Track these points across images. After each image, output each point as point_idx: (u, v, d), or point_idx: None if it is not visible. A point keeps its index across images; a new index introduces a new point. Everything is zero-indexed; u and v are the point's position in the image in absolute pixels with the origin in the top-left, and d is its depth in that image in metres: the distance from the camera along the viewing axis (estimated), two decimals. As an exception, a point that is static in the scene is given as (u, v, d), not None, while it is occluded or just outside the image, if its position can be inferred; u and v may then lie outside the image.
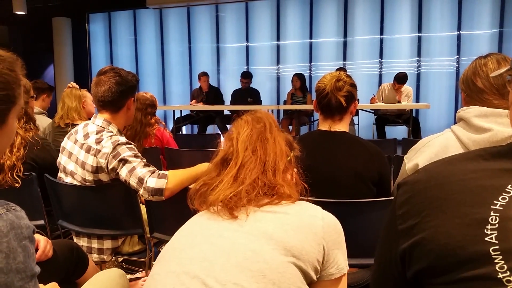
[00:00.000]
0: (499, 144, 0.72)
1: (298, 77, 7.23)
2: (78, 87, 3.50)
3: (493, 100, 1.43)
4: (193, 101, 7.53)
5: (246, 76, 7.68)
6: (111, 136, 1.95)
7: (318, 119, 1.97)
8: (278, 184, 1.07)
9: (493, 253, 0.56)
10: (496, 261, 0.56)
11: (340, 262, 1.02)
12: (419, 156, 1.57)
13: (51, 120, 3.84)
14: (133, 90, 2.08)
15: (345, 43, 8.53)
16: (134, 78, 2.06)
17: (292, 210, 1.03)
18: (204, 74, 7.62)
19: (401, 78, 6.52)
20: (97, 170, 1.92)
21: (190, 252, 0.97)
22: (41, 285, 1.14)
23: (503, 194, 0.60)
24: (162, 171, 1.83)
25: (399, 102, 6.40)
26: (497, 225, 0.58)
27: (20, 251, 0.81)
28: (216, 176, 1.12)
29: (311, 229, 0.98)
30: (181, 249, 1.00)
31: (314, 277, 0.98)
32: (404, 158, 1.69)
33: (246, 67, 9.09)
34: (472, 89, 1.48)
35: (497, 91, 1.42)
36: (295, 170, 1.22)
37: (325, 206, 1.22)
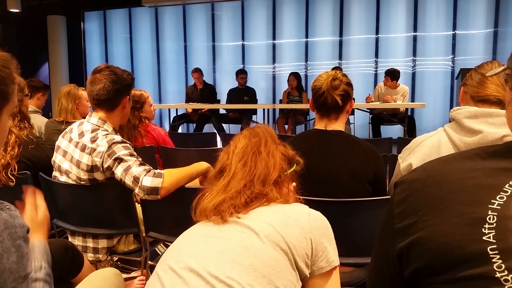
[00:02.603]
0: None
1: (295, 76, 7.23)
2: (77, 87, 3.52)
3: (489, 84, 1.43)
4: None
5: (242, 71, 7.72)
6: (106, 134, 1.94)
7: (314, 118, 1.96)
8: (267, 190, 1.12)
9: (490, 252, 0.56)
10: (493, 260, 0.56)
11: (329, 255, 1.04)
12: (413, 156, 1.57)
13: (45, 118, 3.85)
14: (129, 89, 2.07)
15: (341, 42, 8.54)
16: (129, 77, 2.05)
17: (279, 208, 1.08)
18: (197, 70, 7.57)
19: (391, 73, 6.54)
20: (92, 169, 1.91)
21: (188, 250, 1.04)
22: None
23: (501, 193, 0.60)
24: (158, 170, 1.83)
25: (387, 102, 6.40)
26: (494, 224, 0.58)
27: (14, 250, 0.81)
28: (212, 187, 1.18)
29: (297, 224, 1.02)
30: (180, 249, 1.06)
31: (306, 272, 1.02)
32: (398, 157, 1.69)
33: (242, 65, 9.08)
34: (473, 77, 1.49)
35: (499, 82, 1.43)
36: (293, 184, 1.24)
37: (321, 205, 1.22)
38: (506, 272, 0.54)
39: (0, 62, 0.90)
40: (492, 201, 0.59)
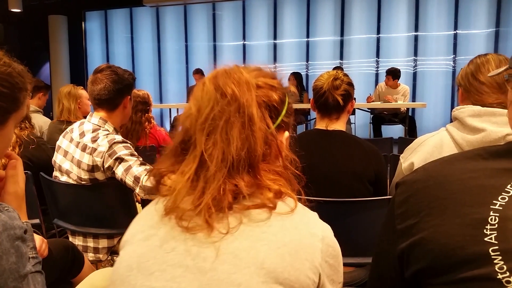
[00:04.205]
0: (493, 145, 0.71)
1: (294, 75, 7.23)
2: (76, 86, 3.54)
3: (490, 93, 1.43)
4: None
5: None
6: (107, 134, 1.94)
7: (314, 118, 1.96)
8: (259, 179, 0.79)
9: (492, 254, 0.56)
10: (495, 261, 0.55)
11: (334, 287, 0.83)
12: (414, 156, 1.57)
13: (47, 118, 3.85)
14: (130, 89, 2.07)
15: (342, 42, 8.53)
16: (130, 77, 2.05)
17: (290, 224, 0.77)
18: (198, 72, 7.57)
19: (392, 72, 6.54)
20: (93, 168, 1.91)
21: (160, 279, 0.74)
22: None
23: (503, 194, 0.59)
24: (159, 170, 1.82)
25: (388, 101, 6.40)
26: (496, 225, 0.57)
27: (13, 251, 0.81)
28: (171, 166, 0.83)
29: (309, 254, 0.76)
30: (150, 272, 0.76)
31: None
32: (400, 157, 1.69)
33: (243, 66, 9.08)
34: (471, 82, 1.48)
35: (498, 86, 1.42)
36: (286, 135, 0.92)
37: (322, 205, 1.21)
38: (508, 274, 0.54)
39: (17, 70, 0.94)
40: (494, 201, 0.59)
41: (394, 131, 6.99)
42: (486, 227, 0.58)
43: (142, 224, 0.83)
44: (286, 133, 0.91)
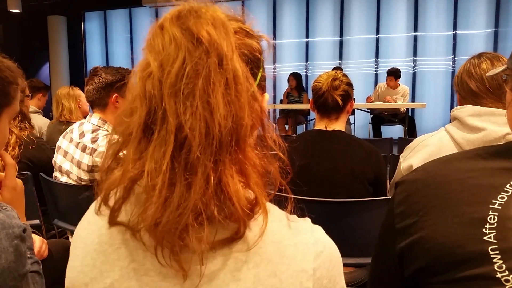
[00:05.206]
0: (493, 144, 0.71)
1: (294, 76, 7.24)
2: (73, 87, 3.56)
3: (489, 104, 1.42)
4: None
5: None
6: (107, 135, 1.94)
7: (314, 119, 1.97)
8: (247, 179, 0.56)
9: (491, 253, 0.56)
10: (494, 260, 0.56)
11: None
12: (413, 156, 1.57)
13: (46, 119, 3.85)
14: (114, 87, 2.01)
15: (341, 42, 8.54)
16: (118, 75, 2.00)
17: (266, 271, 0.56)
18: None
19: (394, 72, 6.54)
20: (92, 169, 1.91)
21: None
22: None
23: (502, 193, 0.60)
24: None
25: (387, 102, 6.40)
26: (495, 224, 0.58)
27: (12, 250, 0.81)
28: (138, 159, 0.56)
29: None
30: None
31: None
32: (400, 156, 1.69)
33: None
34: (466, 91, 1.48)
35: (492, 94, 1.42)
36: (266, 97, 0.70)
37: (321, 205, 1.21)
38: (507, 273, 0.54)
39: (6, 65, 0.94)
40: (493, 201, 0.59)
41: (394, 131, 6.99)
42: (485, 226, 0.58)
43: (80, 269, 0.64)
44: (266, 96, 0.69)
